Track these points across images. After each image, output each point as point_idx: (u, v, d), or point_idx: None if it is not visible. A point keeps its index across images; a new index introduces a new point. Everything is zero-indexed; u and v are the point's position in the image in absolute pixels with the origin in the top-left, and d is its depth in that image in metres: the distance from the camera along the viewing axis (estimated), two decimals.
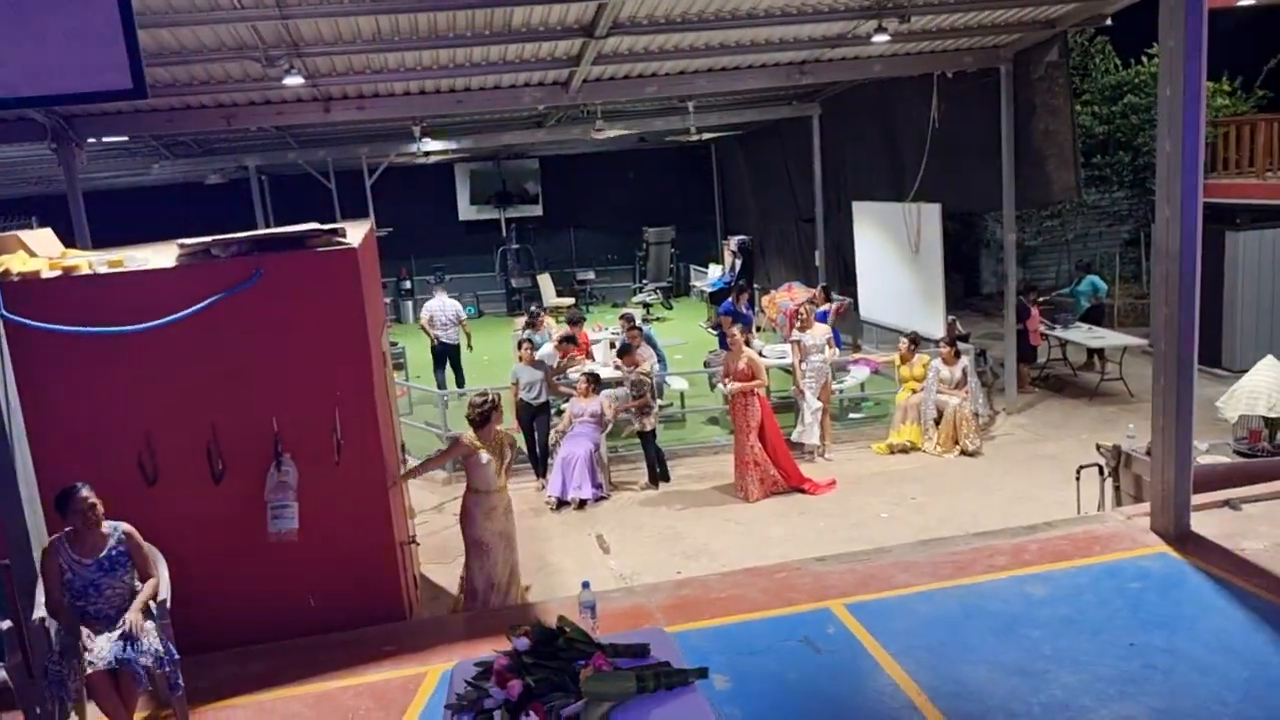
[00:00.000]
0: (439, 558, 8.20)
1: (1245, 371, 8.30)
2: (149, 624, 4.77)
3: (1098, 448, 7.75)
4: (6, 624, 4.74)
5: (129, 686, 4.71)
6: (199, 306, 5.31)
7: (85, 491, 4.83)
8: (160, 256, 5.75)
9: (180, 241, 5.67)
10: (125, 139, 12.18)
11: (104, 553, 4.83)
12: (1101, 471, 7.62)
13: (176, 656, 4.79)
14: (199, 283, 5.39)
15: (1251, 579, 5.69)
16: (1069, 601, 5.63)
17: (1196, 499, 6.47)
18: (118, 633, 4.65)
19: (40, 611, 4.69)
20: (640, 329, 11.49)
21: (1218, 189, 13.43)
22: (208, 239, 5.59)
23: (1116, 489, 7.52)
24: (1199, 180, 5.76)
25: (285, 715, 5.00)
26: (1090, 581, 5.87)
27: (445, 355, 13.48)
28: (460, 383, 13.38)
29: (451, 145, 15.75)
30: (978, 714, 4.60)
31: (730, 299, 13.27)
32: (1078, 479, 7.73)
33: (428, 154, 16.11)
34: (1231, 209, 13.06)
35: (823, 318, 11.82)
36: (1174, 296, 5.93)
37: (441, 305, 13.48)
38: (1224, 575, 5.80)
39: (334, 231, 5.76)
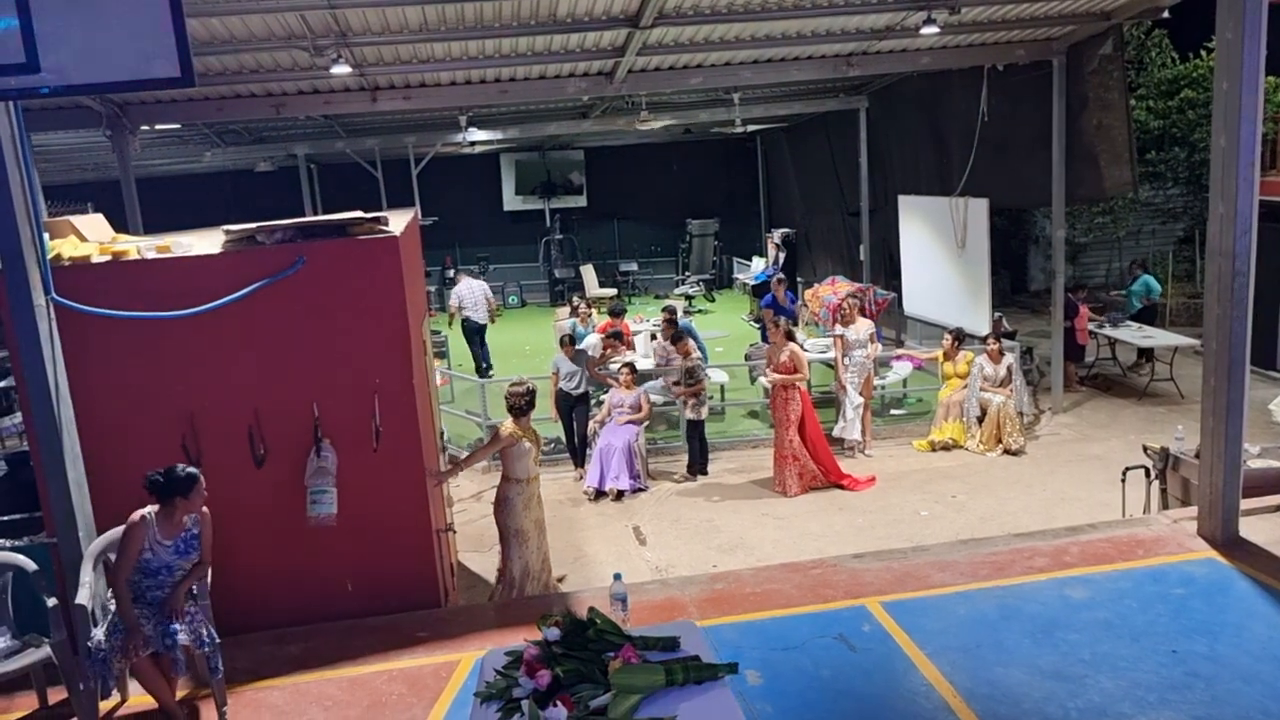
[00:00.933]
0: (476, 545, 8.27)
1: None
2: (191, 606, 4.85)
3: (1145, 449, 7.59)
4: (53, 602, 4.85)
5: (169, 669, 4.80)
6: (243, 292, 5.39)
7: (202, 478, 4.90)
8: (206, 242, 5.84)
9: (226, 228, 5.75)
10: (177, 126, 12.38)
11: (182, 534, 4.86)
12: (1148, 474, 7.47)
13: (217, 640, 4.86)
14: (243, 269, 5.47)
15: None
16: (1110, 605, 5.53)
17: (1246, 504, 6.32)
18: (166, 616, 4.72)
19: (84, 593, 4.77)
20: (677, 322, 11.46)
21: (1276, 186, 13.07)
22: (253, 225, 5.67)
23: (1163, 492, 7.36)
24: (1255, 176, 5.61)
25: (319, 698, 5.07)
26: (1133, 586, 5.76)
27: (476, 333, 14.21)
28: (487, 360, 14.08)
29: (497, 135, 15.83)
30: (1012, 717, 4.54)
31: (770, 293, 13.21)
32: (1123, 481, 7.59)
33: (473, 144, 16.22)
34: None
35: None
36: (1226, 295, 5.79)
37: (470, 288, 14.32)
38: (1273, 582, 5.65)
39: (377, 219, 5.80)
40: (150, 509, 4.82)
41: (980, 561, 6.23)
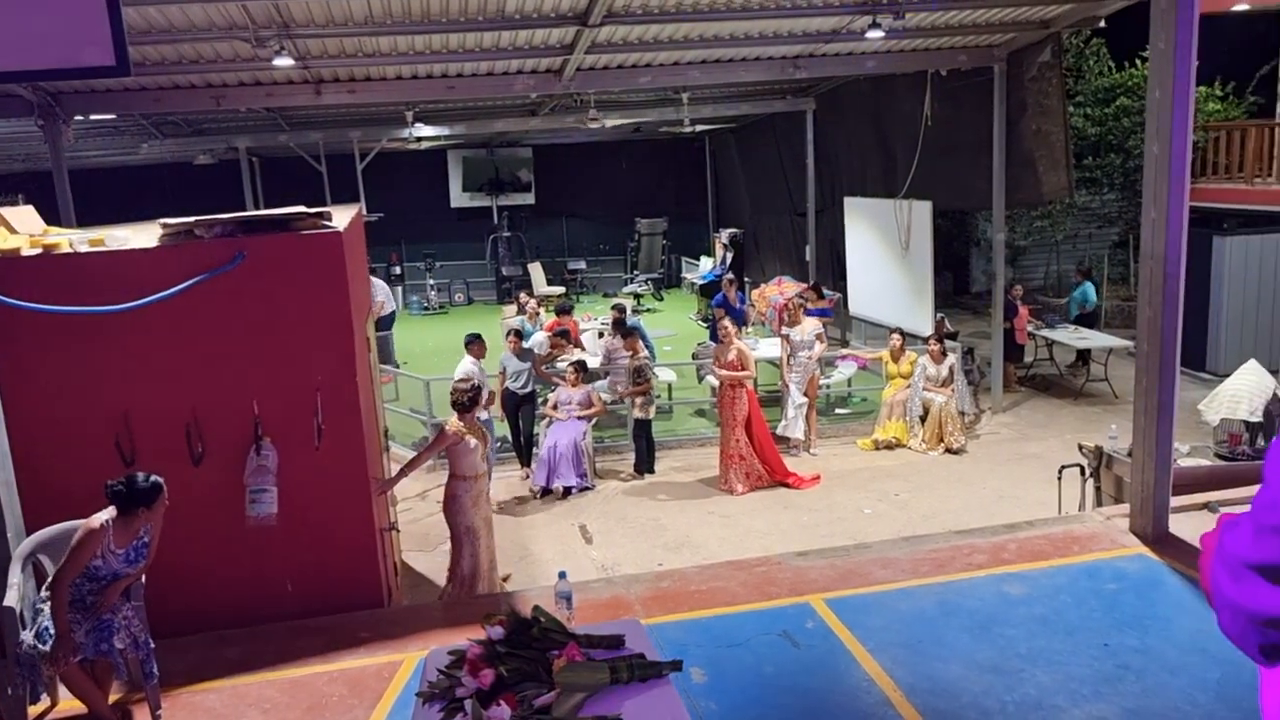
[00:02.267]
0: (421, 545, 8.20)
1: (1229, 375, 8.33)
2: (126, 609, 4.74)
3: (1080, 448, 7.78)
4: None
5: (104, 674, 4.68)
6: (180, 287, 5.27)
7: (165, 487, 4.75)
8: (142, 236, 5.71)
9: (163, 221, 5.62)
10: (113, 117, 12.08)
11: (134, 542, 4.72)
12: (1083, 472, 7.65)
13: (151, 645, 4.75)
14: (181, 263, 5.35)
15: None
16: (1046, 601, 5.65)
17: (1176, 501, 6.49)
18: (100, 622, 4.60)
19: (12, 595, 4.63)
20: (625, 320, 11.47)
21: (1207, 194, 13.49)
22: (190, 219, 5.55)
23: (1098, 489, 7.55)
24: (1185, 183, 5.77)
25: (258, 700, 4.98)
26: (1068, 581, 5.89)
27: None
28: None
29: (444, 131, 15.69)
30: (952, 711, 4.61)
31: (722, 292, 13.28)
32: (1059, 479, 7.76)
33: (420, 140, 16.06)
34: (1220, 214, 13.12)
35: (823, 314, 11.85)
36: (1158, 298, 5.94)
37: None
38: (1200, 577, 5.81)
39: (319, 215, 5.72)
40: (108, 516, 4.63)
41: (921, 559, 6.33)
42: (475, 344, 9.57)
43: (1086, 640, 5.19)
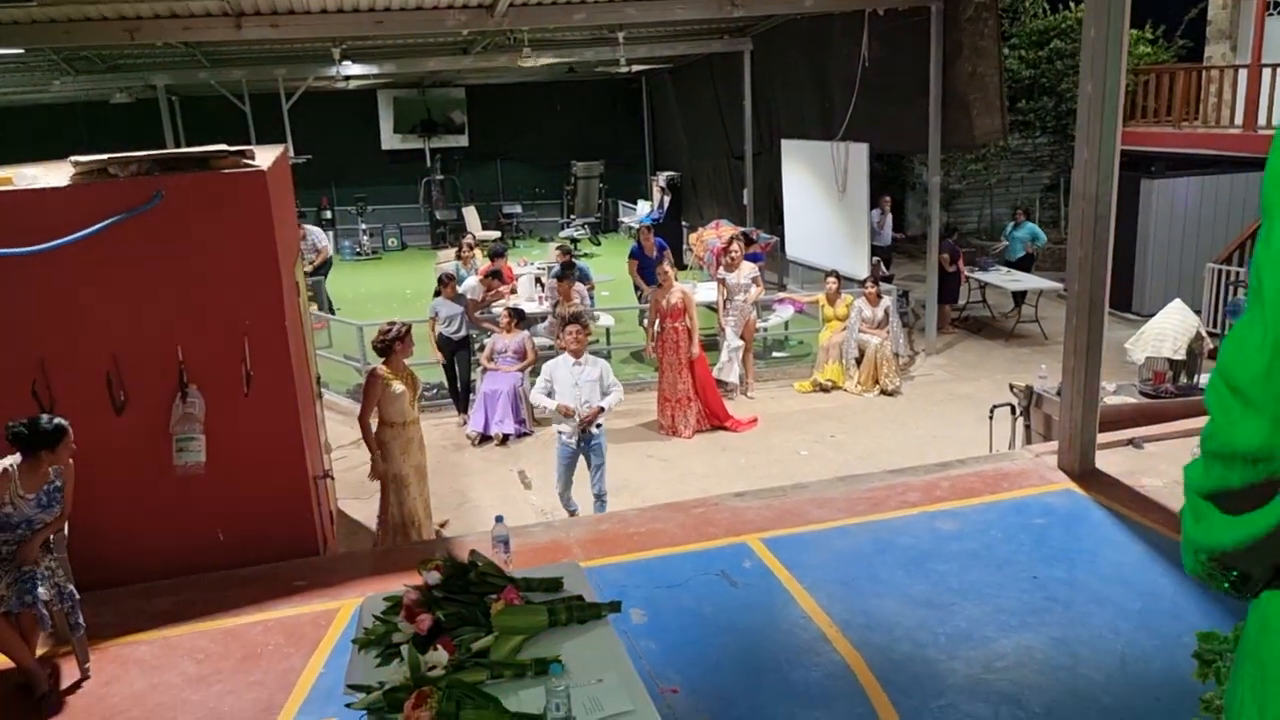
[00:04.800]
0: (357, 493, 8.08)
1: (1154, 315, 8.53)
2: (49, 560, 4.60)
3: (1011, 388, 7.93)
4: None
5: (29, 628, 4.54)
6: (96, 228, 5.04)
7: (70, 429, 4.58)
8: (53, 175, 5.44)
9: (74, 159, 5.36)
10: (20, 51, 11.46)
11: (46, 487, 4.58)
12: (1014, 411, 7.81)
13: (77, 596, 4.63)
14: (95, 203, 5.11)
15: (1149, 514, 5.90)
16: (976, 536, 5.78)
17: (1102, 438, 6.67)
18: (21, 573, 4.46)
19: None
20: (573, 263, 11.29)
21: (1136, 137, 13.69)
22: (104, 157, 5.29)
23: (1027, 428, 7.72)
24: (1118, 123, 5.82)
25: (191, 650, 4.89)
26: (998, 517, 6.03)
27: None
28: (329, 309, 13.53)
29: (373, 70, 15.22)
30: (885, 645, 4.71)
31: (638, 242, 12.32)
32: (991, 418, 7.91)
33: (348, 78, 15.55)
34: (1148, 157, 13.34)
35: (756, 258, 11.79)
36: (1089, 239, 6.02)
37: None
38: (1124, 511, 6.00)
39: (241, 153, 5.50)
40: (12, 461, 4.51)
41: (857, 498, 6.42)
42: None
43: (1015, 573, 5.33)
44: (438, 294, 10.05)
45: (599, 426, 7.09)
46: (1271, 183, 1.15)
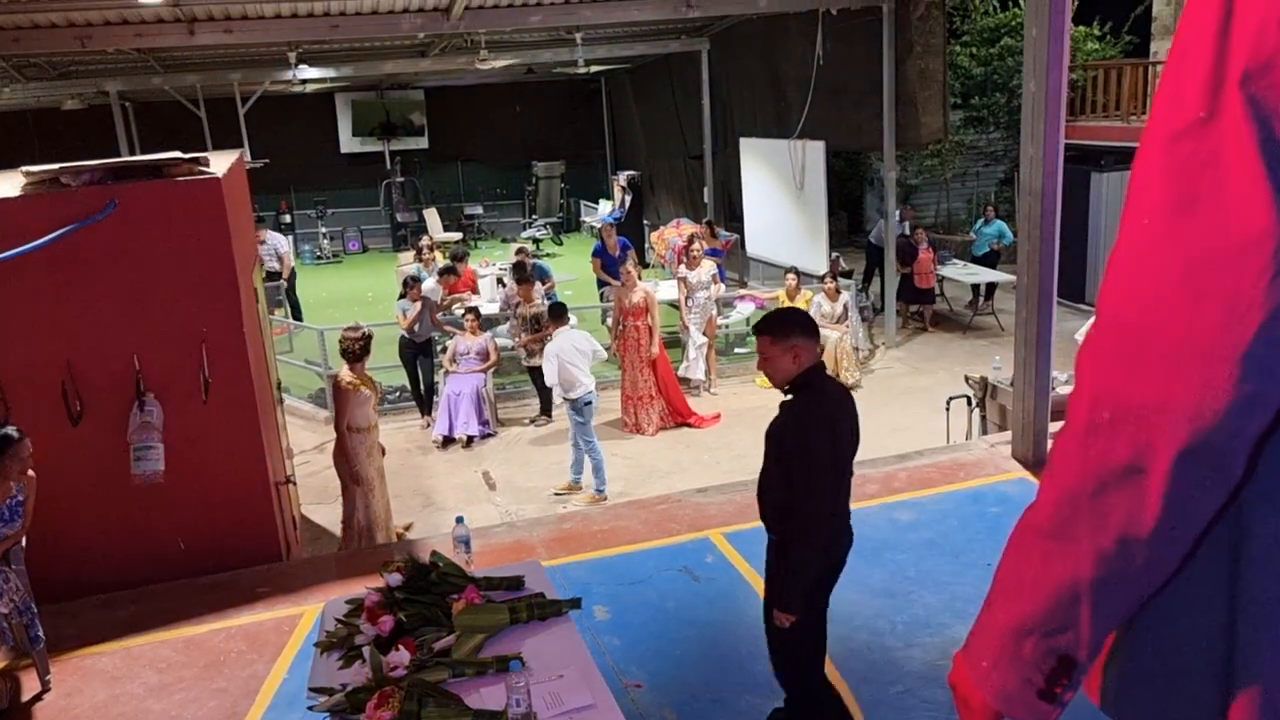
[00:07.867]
0: (320, 498, 8.07)
1: None
2: (8, 573, 4.56)
3: (966, 379, 8.07)
4: None
5: None
6: (48, 238, 5.01)
7: (26, 439, 4.53)
8: (4, 185, 5.39)
9: (25, 169, 5.32)
10: None
11: (8, 501, 4.52)
12: (969, 402, 7.95)
13: (35, 609, 4.60)
14: (47, 213, 5.08)
15: None
16: (933, 526, 5.90)
17: (1055, 427, 6.80)
18: None
19: None
20: (526, 264, 11.30)
21: (1085, 131, 13.95)
22: (56, 166, 5.26)
23: (983, 419, 7.86)
24: (1061, 120, 5.96)
25: (153, 660, 4.88)
26: (954, 507, 6.15)
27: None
28: (298, 316, 13.53)
29: (330, 73, 15.12)
30: (845, 634, 4.79)
31: (600, 241, 12.33)
32: (947, 410, 8.05)
33: (305, 82, 15.44)
34: (1098, 151, 13.59)
35: (715, 254, 11.86)
36: (1036, 232, 6.15)
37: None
38: None
39: (195, 160, 5.49)
40: None
41: None
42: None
43: (971, 561, 5.45)
44: (402, 296, 10.04)
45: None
46: None
